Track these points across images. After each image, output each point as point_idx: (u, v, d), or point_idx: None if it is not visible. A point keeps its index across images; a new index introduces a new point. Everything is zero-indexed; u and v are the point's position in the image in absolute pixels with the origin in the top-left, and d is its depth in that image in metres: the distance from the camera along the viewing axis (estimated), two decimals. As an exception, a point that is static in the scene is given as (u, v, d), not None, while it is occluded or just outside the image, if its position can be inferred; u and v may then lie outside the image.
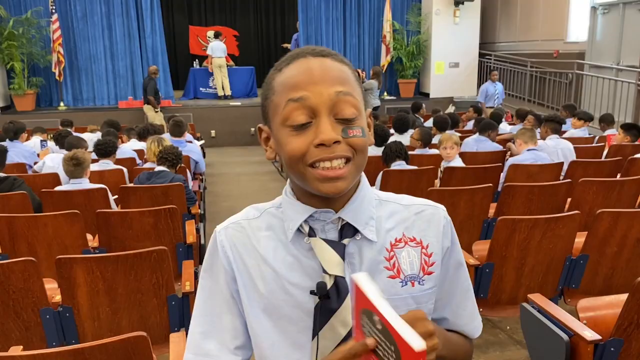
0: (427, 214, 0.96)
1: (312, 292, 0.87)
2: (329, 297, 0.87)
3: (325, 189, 0.84)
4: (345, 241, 0.89)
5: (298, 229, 0.90)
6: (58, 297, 2.27)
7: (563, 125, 5.56)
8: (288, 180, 0.95)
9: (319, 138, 0.82)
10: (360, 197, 0.92)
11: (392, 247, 0.92)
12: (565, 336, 1.83)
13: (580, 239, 2.69)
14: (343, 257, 0.88)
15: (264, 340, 0.93)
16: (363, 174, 0.93)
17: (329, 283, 0.87)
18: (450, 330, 1.03)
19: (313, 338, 0.89)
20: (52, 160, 4.93)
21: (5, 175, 3.74)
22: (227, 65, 12.02)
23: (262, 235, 0.93)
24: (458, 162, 4.30)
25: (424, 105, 8.71)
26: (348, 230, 0.90)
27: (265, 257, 0.92)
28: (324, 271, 0.87)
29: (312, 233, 0.90)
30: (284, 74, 0.86)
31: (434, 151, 4.93)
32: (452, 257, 0.97)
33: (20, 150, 5.53)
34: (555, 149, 4.77)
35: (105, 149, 4.53)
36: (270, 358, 0.93)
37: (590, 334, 1.78)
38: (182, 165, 4.41)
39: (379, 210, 0.94)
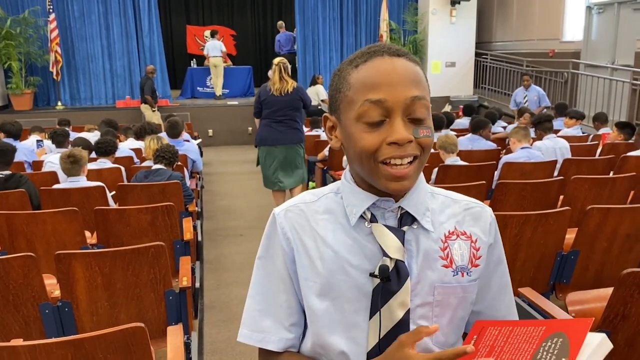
0: (476, 211, 1.03)
1: (371, 275, 0.93)
2: (389, 280, 0.92)
3: (392, 186, 0.90)
4: (404, 228, 0.95)
5: (361, 215, 0.96)
6: (57, 292, 2.31)
7: (554, 124, 5.59)
8: (347, 167, 1.00)
9: (393, 137, 0.87)
10: (419, 189, 0.98)
11: (446, 238, 0.98)
12: (553, 328, 1.88)
13: (571, 235, 2.73)
14: (402, 243, 0.94)
15: (320, 319, 0.97)
16: None
17: (390, 266, 0.92)
18: None
19: (371, 317, 0.94)
20: (56, 159, 4.96)
21: (12, 172, 3.79)
22: (225, 65, 12.07)
23: (321, 218, 0.99)
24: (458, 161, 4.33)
25: None
26: (407, 219, 0.96)
27: (325, 239, 0.97)
28: (385, 255, 0.93)
29: (373, 219, 0.95)
30: (361, 72, 0.91)
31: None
32: (495, 253, 1.04)
33: (20, 148, 5.54)
34: (554, 149, 4.79)
35: (105, 148, 4.58)
36: (326, 335, 0.97)
37: (577, 326, 1.82)
38: (179, 163, 4.45)
39: (432, 202, 1.00)
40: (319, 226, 0.98)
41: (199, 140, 7.86)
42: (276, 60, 4.91)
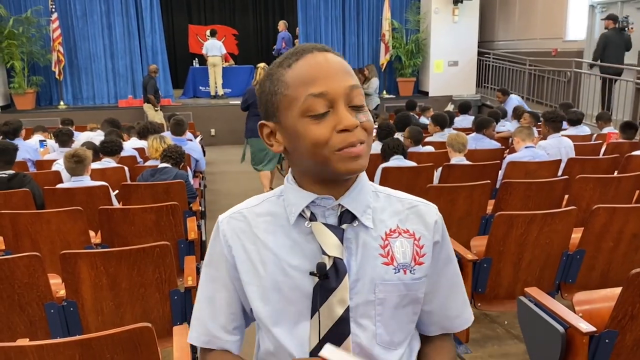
0: (420, 209, 1.03)
1: (311, 274, 0.94)
2: (328, 277, 0.93)
3: (351, 166, 0.91)
4: (344, 226, 0.96)
5: (300, 214, 0.97)
6: (62, 292, 2.30)
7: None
8: (290, 170, 1.01)
9: (343, 124, 0.89)
10: (360, 187, 0.98)
11: (387, 236, 0.99)
12: (560, 328, 1.86)
13: (577, 235, 2.72)
14: (342, 241, 0.95)
15: (264, 321, 0.99)
16: None
17: (328, 264, 0.93)
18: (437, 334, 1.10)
19: (312, 316, 0.95)
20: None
21: (15, 172, 3.78)
22: (228, 65, 12.04)
23: (262, 220, 1.00)
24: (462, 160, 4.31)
25: (418, 104, 8.71)
26: (347, 217, 0.96)
27: (265, 242, 0.98)
28: (324, 253, 0.94)
29: (312, 218, 0.96)
30: (296, 70, 0.92)
31: (428, 148, 4.96)
32: (443, 252, 1.05)
33: (23, 147, 5.53)
34: (558, 148, 4.75)
35: (111, 148, 4.58)
36: (274, 338, 0.99)
37: (585, 326, 1.81)
38: (184, 163, 4.45)
39: (375, 201, 1.01)
40: (260, 230, 0.99)
41: (199, 138, 7.85)
42: (260, 64, 5.85)
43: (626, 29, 8.06)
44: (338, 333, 0.94)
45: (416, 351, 1.07)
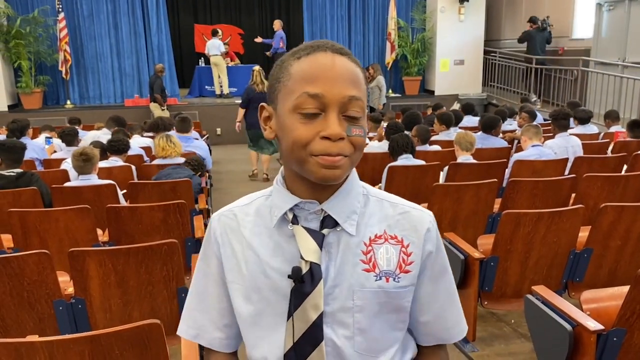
0: (413, 215, 0.99)
1: (289, 276, 0.93)
2: (303, 281, 0.92)
3: (323, 173, 0.88)
4: (325, 231, 0.94)
5: (283, 217, 0.96)
6: (71, 289, 2.32)
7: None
8: (281, 169, 1.00)
9: (327, 132, 0.87)
10: (346, 191, 0.96)
11: (370, 242, 0.96)
12: (568, 326, 1.86)
13: (584, 233, 2.71)
14: (320, 246, 0.93)
15: (245, 321, 1.00)
16: (354, 169, 0.98)
17: (305, 268, 0.92)
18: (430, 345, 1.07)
19: (288, 319, 0.94)
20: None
21: (23, 171, 3.80)
22: (234, 64, 12.05)
23: (249, 220, 1.00)
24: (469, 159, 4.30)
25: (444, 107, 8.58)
26: (329, 222, 0.95)
27: (250, 242, 0.98)
28: (302, 257, 0.93)
29: (295, 221, 0.95)
30: (303, 64, 0.90)
31: (435, 147, 4.96)
32: (437, 262, 1.01)
33: (30, 146, 5.56)
34: (566, 147, 4.73)
35: (118, 147, 4.61)
36: (250, 338, 1.00)
37: (593, 324, 1.81)
38: (202, 172, 4.66)
39: (365, 205, 0.98)
40: (247, 230, 0.99)
41: (205, 137, 7.87)
42: (256, 67, 7.00)
43: (547, 27, 10.19)
44: (312, 338, 0.93)
45: (409, 358, 1.05)
